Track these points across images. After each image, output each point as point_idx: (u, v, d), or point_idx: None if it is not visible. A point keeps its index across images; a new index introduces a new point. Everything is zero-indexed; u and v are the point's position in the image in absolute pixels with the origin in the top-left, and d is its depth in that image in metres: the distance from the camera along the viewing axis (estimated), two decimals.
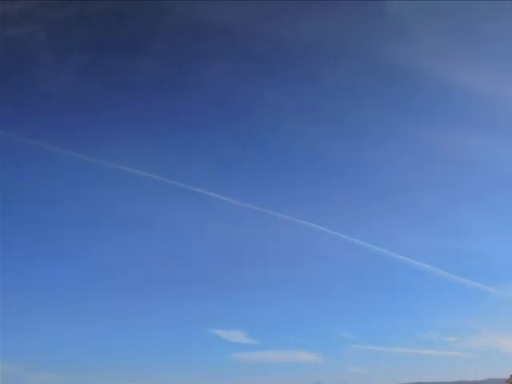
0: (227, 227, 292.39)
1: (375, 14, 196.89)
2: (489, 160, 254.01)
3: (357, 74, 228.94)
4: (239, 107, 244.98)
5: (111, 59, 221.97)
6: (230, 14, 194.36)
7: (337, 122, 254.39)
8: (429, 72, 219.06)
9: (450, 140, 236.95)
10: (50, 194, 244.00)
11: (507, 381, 48.95)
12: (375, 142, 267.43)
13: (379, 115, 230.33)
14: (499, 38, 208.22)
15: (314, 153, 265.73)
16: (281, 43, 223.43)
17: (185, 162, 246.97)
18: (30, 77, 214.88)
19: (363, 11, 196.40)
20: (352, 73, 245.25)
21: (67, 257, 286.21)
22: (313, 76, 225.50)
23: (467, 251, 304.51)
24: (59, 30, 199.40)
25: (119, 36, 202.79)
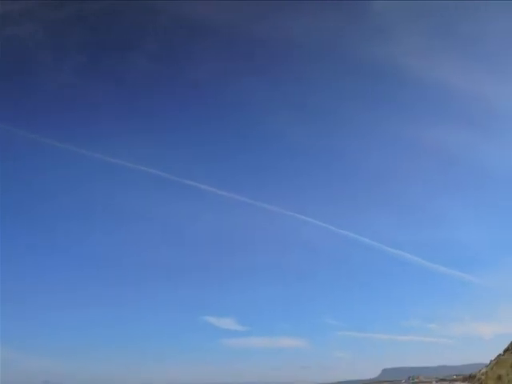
0: (218, 218, 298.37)
1: (360, 15, 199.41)
2: (468, 154, 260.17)
3: (342, 72, 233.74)
4: (229, 104, 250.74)
5: (107, 57, 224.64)
6: (220, 15, 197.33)
7: (322, 117, 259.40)
8: (411, 69, 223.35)
9: (430, 135, 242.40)
10: (48, 186, 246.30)
11: (487, 366, 49.51)
12: (359, 136, 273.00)
13: (363, 111, 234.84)
14: (477, 37, 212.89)
15: (300, 147, 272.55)
16: (269, 43, 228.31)
17: (178, 156, 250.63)
18: (29, 74, 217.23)
19: (348, 12, 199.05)
20: (337, 70, 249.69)
21: (64, 246, 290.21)
22: (299, 74, 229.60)
23: (448, 241, 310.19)
24: (57, 29, 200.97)
25: (115, 35, 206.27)
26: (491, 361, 49.15)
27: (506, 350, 40.60)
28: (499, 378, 18.20)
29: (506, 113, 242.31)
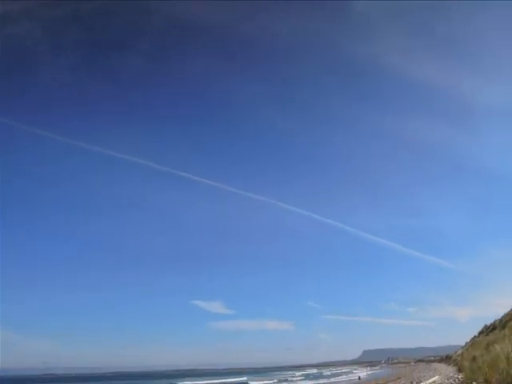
0: (209, 208, 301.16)
1: (343, 15, 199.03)
2: (444, 146, 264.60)
3: (326, 69, 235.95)
4: (220, 100, 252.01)
5: (102, 55, 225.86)
6: (211, 15, 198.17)
7: (307, 112, 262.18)
8: (391, 67, 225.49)
9: (409, 129, 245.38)
10: (48, 177, 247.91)
11: (463, 347, 50.04)
12: (342, 130, 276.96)
13: (346, 106, 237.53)
14: (454, 37, 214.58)
15: (287, 140, 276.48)
16: (257, 42, 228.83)
17: (172, 150, 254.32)
18: (28, 70, 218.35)
19: (332, 12, 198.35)
20: (322, 68, 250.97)
21: (63, 233, 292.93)
22: (286, 71, 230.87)
23: (426, 229, 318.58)
24: (55, 28, 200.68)
25: (110, 34, 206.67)
26: (466, 343, 49.64)
27: (480, 333, 40.82)
28: (474, 359, 17.94)
29: (480, 108, 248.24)
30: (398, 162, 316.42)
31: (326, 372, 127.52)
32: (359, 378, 64.53)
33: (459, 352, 45.64)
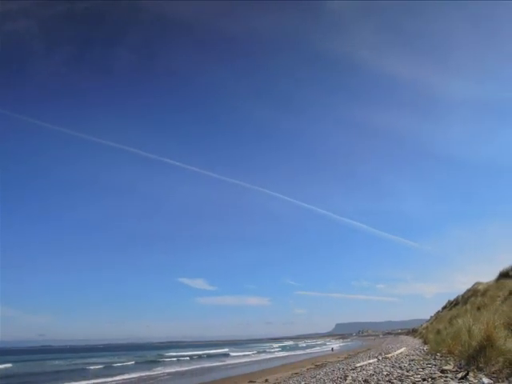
0: (191, 192, 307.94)
1: (318, 13, 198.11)
2: (412, 135, 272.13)
3: (302, 63, 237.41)
4: (203, 91, 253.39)
5: (94, 50, 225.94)
6: (194, 14, 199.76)
7: (285, 103, 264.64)
8: (362, 61, 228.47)
9: (379, 118, 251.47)
10: (42, 164, 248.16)
11: (428, 321, 51.22)
12: (317, 119, 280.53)
13: (320, 97, 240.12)
14: (420, 33, 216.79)
15: (266, 129, 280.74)
16: (237, 37, 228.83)
17: (157, 137, 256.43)
18: (26, 64, 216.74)
19: (308, 10, 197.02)
20: (298, 62, 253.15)
21: (57, 216, 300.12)
22: (264, 65, 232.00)
23: (394, 212, 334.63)
24: (50, 25, 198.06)
25: (101, 31, 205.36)
26: (431, 317, 50.94)
27: (444, 307, 41.63)
28: (438, 332, 18.35)
29: (445, 99, 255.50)
30: (368, 149, 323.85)
31: (302, 344, 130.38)
32: (332, 349, 65.98)
33: (424, 325, 46.80)
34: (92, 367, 43.34)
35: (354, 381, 10.95)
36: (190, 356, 63.13)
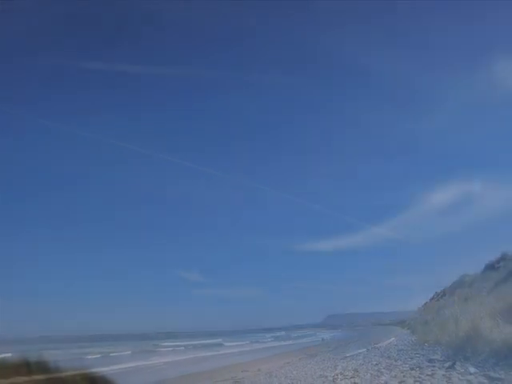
0: (177, 186, 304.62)
1: (305, 9, 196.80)
2: (392, 127, 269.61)
3: (287, 59, 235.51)
4: (185, 86, 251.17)
5: (87, 47, 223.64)
6: (185, 12, 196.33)
7: (270, 95, 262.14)
8: (345, 58, 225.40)
9: (361, 112, 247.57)
10: (37, 159, 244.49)
11: (416, 312, 51.39)
12: (302, 112, 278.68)
13: (306, 91, 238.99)
14: (401, 30, 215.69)
15: (255, 123, 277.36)
16: (221, 34, 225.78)
17: (140, 130, 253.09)
18: (22, 61, 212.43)
19: (295, 8, 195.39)
20: (284, 57, 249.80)
21: (53, 211, 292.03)
22: (251, 60, 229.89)
23: (376, 205, 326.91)
24: (46, 24, 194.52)
25: (94, 30, 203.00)
26: (419, 308, 51.28)
27: (431, 299, 41.95)
28: (426, 322, 18.55)
29: (424, 94, 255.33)
30: (350, 141, 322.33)
31: (293, 334, 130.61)
32: (322, 339, 66.30)
33: (413, 316, 47.10)
34: (89, 357, 43.28)
35: (345, 370, 11.08)
36: (185, 346, 63.31)
